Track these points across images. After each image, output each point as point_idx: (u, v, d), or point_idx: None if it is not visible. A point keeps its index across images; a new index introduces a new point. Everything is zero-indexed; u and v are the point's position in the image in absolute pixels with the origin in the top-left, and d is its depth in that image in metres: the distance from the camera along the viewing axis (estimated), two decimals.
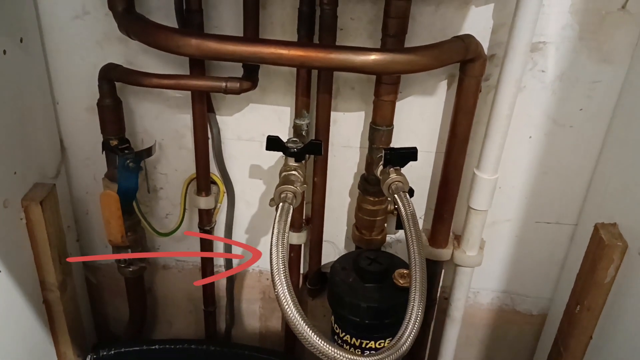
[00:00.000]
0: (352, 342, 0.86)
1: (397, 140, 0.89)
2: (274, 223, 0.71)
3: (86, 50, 0.90)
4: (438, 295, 1.06)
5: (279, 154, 0.86)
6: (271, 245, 0.68)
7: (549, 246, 0.99)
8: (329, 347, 0.62)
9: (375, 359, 0.63)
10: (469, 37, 0.79)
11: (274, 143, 0.82)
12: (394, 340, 0.65)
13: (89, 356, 1.01)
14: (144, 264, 1.04)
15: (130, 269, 1.02)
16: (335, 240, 1.05)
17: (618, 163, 0.85)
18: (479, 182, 0.87)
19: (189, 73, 0.87)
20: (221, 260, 1.10)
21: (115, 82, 0.88)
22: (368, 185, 0.91)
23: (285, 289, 0.65)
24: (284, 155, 0.83)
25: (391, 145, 0.89)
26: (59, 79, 0.93)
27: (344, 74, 0.86)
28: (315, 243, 1.02)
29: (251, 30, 0.82)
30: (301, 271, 1.08)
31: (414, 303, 0.67)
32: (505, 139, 0.83)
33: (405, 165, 0.82)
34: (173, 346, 1.03)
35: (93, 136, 0.94)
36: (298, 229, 0.99)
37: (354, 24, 0.83)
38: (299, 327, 0.63)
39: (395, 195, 0.78)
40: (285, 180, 0.79)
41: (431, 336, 1.10)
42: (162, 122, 0.96)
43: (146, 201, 1.03)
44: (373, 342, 0.85)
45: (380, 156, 0.83)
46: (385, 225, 0.97)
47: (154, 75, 0.85)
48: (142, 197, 1.01)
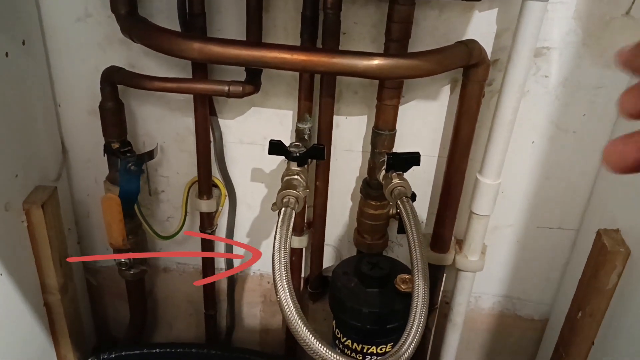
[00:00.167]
0: (354, 347, 0.86)
1: (400, 144, 0.89)
2: (276, 228, 0.71)
3: (88, 53, 0.89)
4: (439, 299, 1.06)
5: (281, 157, 0.86)
6: (273, 250, 0.68)
7: (550, 251, 0.99)
8: (331, 354, 0.62)
9: None
10: (473, 42, 0.79)
11: (276, 147, 0.81)
12: (397, 347, 0.65)
13: (89, 359, 1.01)
14: (145, 267, 1.04)
15: (131, 272, 1.02)
16: (337, 244, 1.05)
17: None
18: (481, 187, 0.87)
19: (191, 76, 0.87)
20: (222, 263, 1.10)
21: (118, 85, 0.88)
22: (370, 190, 0.91)
23: (288, 294, 0.64)
24: (286, 160, 0.82)
25: (394, 149, 0.88)
26: (61, 81, 0.93)
27: (347, 78, 0.86)
28: (317, 247, 1.01)
29: (254, 33, 0.82)
30: (302, 275, 1.07)
31: (416, 309, 0.67)
32: (508, 144, 0.83)
33: (408, 170, 0.82)
34: (173, 350, 1.03)
35: (94, 139, 0.93)
36: (300, 232, 0.98)
37: (357, 28, 0.83)
38: (301, 333, 0.63)
39: (397, 200, 0.78)
40: (287, 184, 0.79)
41: (432, 340, 1.09)
42: (164, 125, 0.96)
43: (147, 204, 1.03)
44: (374, 348, 0.85)
45: (383, 161, 0.83)
46: (387, 229, 0.97)
47: (156, 79, 0.84)
48: (144, 200, 1.01)
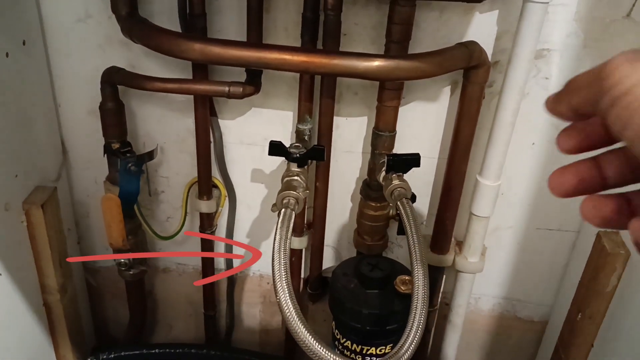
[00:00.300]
0: (353, 348, 0.86)
1: (400, 145, 0.89)
2: (276, 229, 0.71)
3: (88, 53, 0.89)
4: (439, 300, 1.06)
5: (281, 158, 0.86)
6: (273, 251, 0.68)
7: (550, 253, 0.99)
8: (331, 355, 0.62)
9: None
10: (473, 44, 0.79)
11: (276, 148, 0.81)
12: (396, 348, 0.65)
13: (88, 359, 1.01)
14: (145, 267, 1.04)
15: (131, 272, 1.01)
16: (337, 245, 1.05)
17: None
18: (481, 189, 0.87)
19: (191, 77, 0.87)
20: (222, 264, 1.10)
21: (118, 86, 0.88)
22: (370, 191, 0.91)
23: (287, 295, 0.64)
24: (287, 161, 0.82)
25: (394, 150, 0.89)
26: (61, 81, 0.93)
27: (347, 79, 0.86)
28: (317, 248, 1.01)
29: (255, 34, 0.82)
30: (302, 275, 1.07)
31: (416, 311, 0.67)
32: (508, 145, 0.83)
33: (408, 172, 0.82)
34: (173, 350, 1.03)
35: (94, 139, 0.93)
36: (299, 233, 0.98)
37: (357, 29, 0.83)
38: (301, 335, 0.63)
39: (397, 201, 0.78)
40: (287, 185, 0.79)
41: (432, 342, 1.09)
42: (164, 126, 0.96)
43: (147, 204, 1.03)
44: (374, 349, 0.85)
45: (383, 162, 0.83)
46: (387, 230, 0.97)
47: (156, 79, 0.84)
48: (143, 201, 1.01)
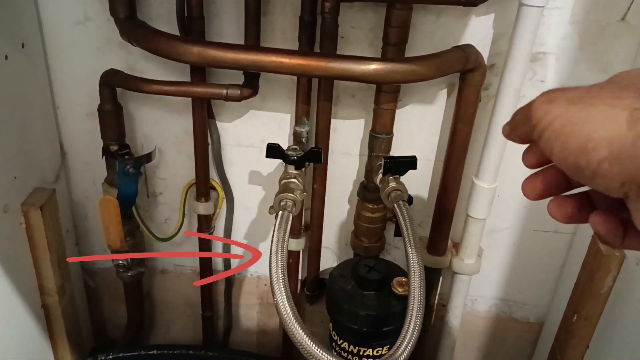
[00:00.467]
0: (350, 350, 0.86)
1: (397, 147, 0.89)
2: (274, 231, 0.71)
3: (87, 56, 0.90)
4: (435, 302, 1.06)
5: (278, 160, 0.86)
6: (270, 253, 0.68)
7: (546, 255, 0.99)
8: (328, 357, 0.62)
9: None
10: (469, 47, 0.79)
11: (274, 151, 0.82)
12: (393, 350, 0.65)
13: None
14: (143, 269, 1.04)
15: (129, 274, 1.02)
16: (334, 247, 1.05)
17: None
18: (477, 191, 0.88)
19: (189, 79, 0.87)
20: (220, 265, 1.10)
21: (116, 88, 0.88)
22: (367, 193, 0.91)
23: (285, 297, 0.65)
24: (284, 163, 0.83)
25: (391, 152, 0.89)
26: (60, 84, 0.93)
27: (344, 81, 0.86)
28: (314, 249, 1.02)
29: (252, 37, 0.82)
30: (299, 277, 1.08)
31: (412, 312, 0.67)
32: (504, 148, 0.83)
33: (405, 174, 0.83)
34: (171, 351, 1.03)
35: (93, 141, 0.94)
36: (297, 235, 0.99)
37: (354, 32, 0.83)
38: (298, 337, 0.63)
39: (394, 204, 0.78)
40: (285, 188, 0.79)
41: (428, 343, 1.10)
42: (162, 128, 0.96)
43: (145, 206, 1.03)
44: (371, 350, 0.85)
45: (380, 164, 0.83)
46: (384, 232, 0.98)
47: (154, 82, 0.85)
48: (141, 202, 1.01)
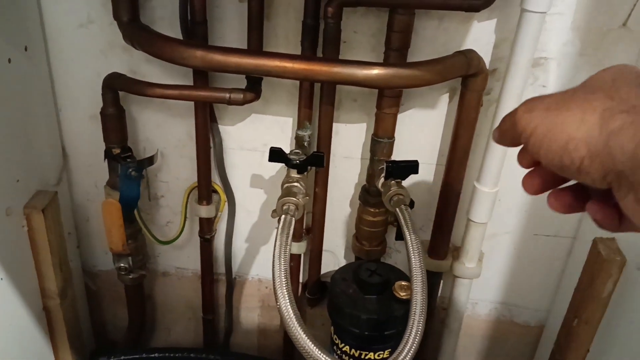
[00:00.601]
0: (352, 353, 0.86)
1: (399, 152, 0.90)
2: (276, 235, 0.71)
3: (90, 59, 0.90)
4: (436, 305, 1.06)
5: (280, 164, 0.86)
6: (273, 257, 0.69)
7: (547, 259, 1.00)
8: None
9: None
10: (471, 52, 0.79)
11: (276, 154, 0.82)
12: (395, 354, 0.65)
13: None
14: (144, 271, 1.04)
15: (131, 277, 1.02)
16: (335, 251, 1.05)
17: None
18: (479, 195, 0.88)
19: (192, 83, 0.87)
20: (221, 268, 1.10)
21: (119, 91, 0.88)
22: (369, 197, 0.92)
23: (288, 301, 0.65)
24: (286, 167, 0.83)
25: (392, 157, 0.89)
26: (63, 87, 0.93)
27: (347, 86, 0.86)
28: (316, 253, 1.02)
29: (255, 41, 0.83)
30: (300, 280, 1.08)
31: (414, 316, 0.67)
32: (505, 152, 0.84)
33: (407, 178, 0.83)
34: (172, 354, 1.04)
35: (95, 144, 0.94)
36: (298, 238, 0.99)
37: (357, 37, 0.83)
38: (301, 341, 0.63)
39: (396, 208, 0.78)
40: (287, 192, 0.79)
41: (429, 346, 1.10)
42: (164, 131, 0.96)
43: (147, 209, 1.04)
44: (372, 354, 0.85)
45: (382, 168, 0.84)
46: (386, 236, 0.98)
47: (157, 86, 0.85)
48: (143, 205, 1.02)
